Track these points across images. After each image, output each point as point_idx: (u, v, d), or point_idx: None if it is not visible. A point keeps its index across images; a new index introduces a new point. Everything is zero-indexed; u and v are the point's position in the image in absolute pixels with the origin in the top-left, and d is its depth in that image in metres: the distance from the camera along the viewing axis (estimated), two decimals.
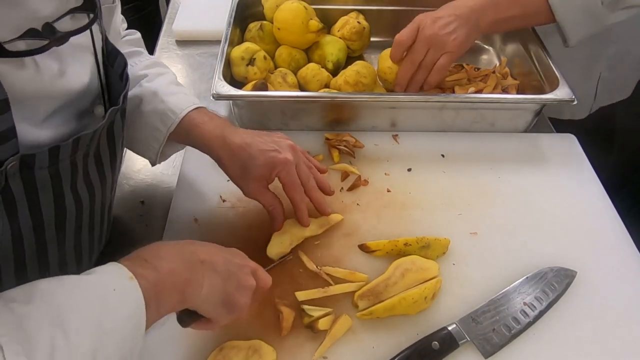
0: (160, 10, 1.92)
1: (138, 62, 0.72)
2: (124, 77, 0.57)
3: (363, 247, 0.70)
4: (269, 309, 0.63)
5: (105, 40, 0.57)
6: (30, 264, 0.52)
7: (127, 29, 0.77)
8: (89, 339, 0.38)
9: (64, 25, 0.47)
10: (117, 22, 0.68)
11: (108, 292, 0.42)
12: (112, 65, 0.57)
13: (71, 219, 0.54)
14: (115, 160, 0.60)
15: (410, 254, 0.68)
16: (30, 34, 0.44)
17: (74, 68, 0.51)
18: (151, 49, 1.11)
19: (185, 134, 0.68)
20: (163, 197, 0.80)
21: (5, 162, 0.44)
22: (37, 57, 0.46)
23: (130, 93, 0.66)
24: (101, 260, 0.71)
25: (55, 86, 0.49)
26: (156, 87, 0.69)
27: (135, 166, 0.85)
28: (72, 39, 0.47)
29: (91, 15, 0.50)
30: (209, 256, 0.51)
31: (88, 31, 0.51)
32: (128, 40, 0.75)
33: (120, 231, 0.75)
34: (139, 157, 0.85)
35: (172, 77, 0.73)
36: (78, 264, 0.60)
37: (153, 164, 0.72)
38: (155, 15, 1.73)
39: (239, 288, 0.52)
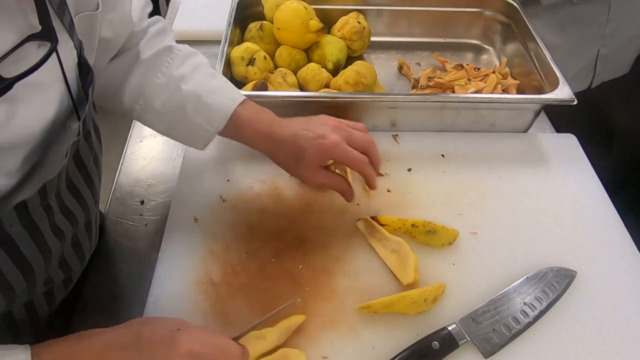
0: (160, 10, 1.92)
1: (170, 61, 0.70)
2: (89, 93, 0.54)
3: (374, 219, 0.72)
4: None
5: (80, 54, 0.53)
6: (19, 289, 0.50)
7: None
8: None
9: (22, 57, 0.42)
10: (124, 14, 0.65)
11: None
12: (85, 78, 0.54)
13: (56, 250, 0.53)
14: (90, 179, 0.57)
15: (415, 236, 0.71)
16: None
17: (30, 108, 0.46)
18: None
19: (233, 131, 0.69)
20: (163, 197, 0.80)
21: None
22: None
23: (172, 99, 0.68)
24: (97, 260, 0.71)
25: (9, 136, 0.45)
26: (197, 88, 0.68)
27: (135, 166, 0.85)
28: (33, 76, 0.43)
29: (51, 44, 0.44)
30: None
31: (55, 59, 0.47)
32: (156, 30, 0.72)
33: (120, 231, 0.75)
34: (139, 157, 0.86)
35: (207, 69, 0.72)
36: (66, 275, 0.59)
37: (201, 149, 0.73)
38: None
39: None
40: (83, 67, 0.54)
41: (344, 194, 0.70)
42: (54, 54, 0.45)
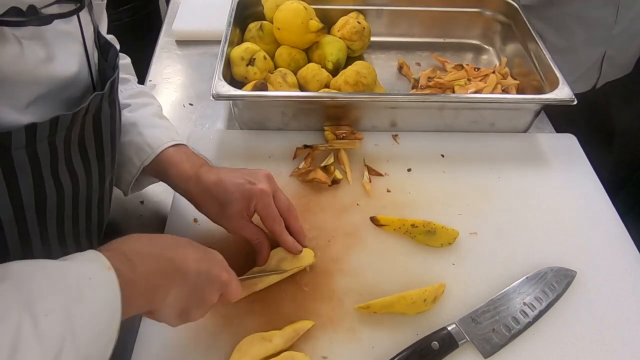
0: (160, 10, 1.92)
1: (123, 90, 0.70)
2: (116, 67, 0.57)
3: (374, 220, 0.73)
4: None
5: (98, 33, 0.56)
6: (13, 252, 0.51)
7: (120, 47, 0.74)
8: (58, 327, 0.37)
9: (50, 12, 0.46)
10: (104, 23, 0.67)
11: (84, 281, 0.40)
12: (105, 59, 0.56)
13: (52, 207, 0.53)
14: (102, 151, 0.58)
15: (415, 236, 0.71)
16: (12, 12, 0.42)
17: (61, 55, 0.50)
18: (151, 49, 1.11)
19: (161, 170, 0.66)
20: (163, 197, 0.80)
21: None
22: (22, 39, 0.45)
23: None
24: None
25: (40, 71, 0.48)
26: (136, 118, 0.67)
27: None
28: (60, 27, 0.47)
29: (77, 4, 0.49)
30: (184, 264, 0.50)
31: (76, 22, 0.51)
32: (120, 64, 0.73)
33: (120, 231, 0.75)
34: None
35: (157, 109, 0.72)
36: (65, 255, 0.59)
37: (125, 195, 0.71)
38: (155, 15, 1.73)
39: (199, 303, 0.52)
40: (104, 46, 0.56)
41: (258, 254, 0.65)
42: (77, 19, 0.51)
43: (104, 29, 0.66)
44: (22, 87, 0.48)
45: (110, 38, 0.74)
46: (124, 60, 0.75)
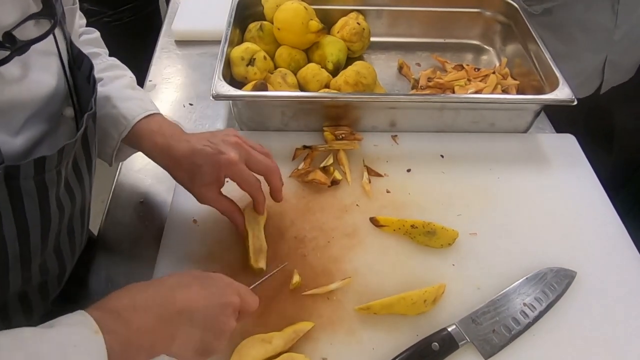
0: (160, 10, 1.92)
1: (94, 65, 0.70)
2: (91, 80, 0.57)
3: (373, 221, 0.73)
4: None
5: (70, 43, 0.57)
6: (14, 269, 0.51)
7: (120, 47, 0.77)
8: None
9: (24, 32, 0.47)
10: (76, 22, 0.68)
11: (69, 349, 0.39)
12: (79, 68, 0.57)
13: (54, 226, 0.54)
14: (91, 165, 0.59)
15: (414, 237, 0.71)
16: None
17: (38, 73, 0.51)
18: (151, 49, 1.11)
19: (136, 141, 0.67)
20: (163, 197, 0.80)
21: None
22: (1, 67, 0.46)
23: None
24: (96, 260, 0.71)
25: (23, 93, 0.49)
26: (109, 92, 0.67)
27: (135, 166, 0.85)
28: (35, 45, 0.48)
29: (52, 21, 0.50)
30: (187, 304, 0.48)
31: (51, 36, 0.51)
32: (86, 39, 0.73)
33: (120, 231, 0.75)
34: (138, 157, 0.86)
35: (129, 81, 0.71)
36: (60, 266, 0.59)
37: (110, 165, 0.71)
38: (155, 15, 1.73)
39: (217, 335, 0.50)
40: (76, 57, 0.57)
41: (233, 220, 0.67)
42: (51, 35, 0.51)
43: (75, 34, 0.67)
44: (12, 113, 0.48)
45: (94, 38, 0.75)
46: (92, 35, 0.75)
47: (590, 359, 0.61)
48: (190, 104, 0.97)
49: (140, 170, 0.84)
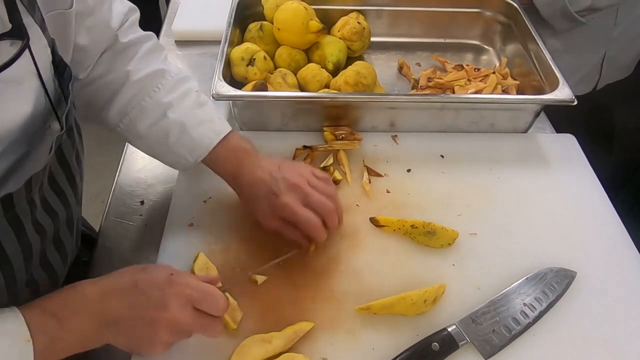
0: (160, 10, 1.93)
1: (161, 87, 0.69)
2: (69, 89, 0.54)
3: (373, 221, 0.73)
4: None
5: (53, 52, 0.53)
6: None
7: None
8: None
9: None
10: (102, 19, 0.64)
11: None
12: (61, 76, 0.54)
13: (36, 248, 0.53)
14: (73, 178, 0.57)
15: (414, 237, 0.71)
16: None
17: (4, 104, 0.47)
18: None
19: (211, 164, 0.70)
20: (163, 197, 0.80)
21: None
22: None
23: (156, 124, 0.68)
24: (96, 260, 0.71)
25: None
26: (182, 118, 0.68)
27: (135, 166, 0.85)
28: (6, 72, 0.44)
29: (22, 42, 0.45)
30: (115, 313, 0.50)
31: (28, 55, 0.47)
32: (147, 49, 0.70)
33: (120, 231, 0.75)
34: (138, 157, 0.86)
35: (195, 97, 0.71)
36: (51, 277, 0.58)
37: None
38: (156, 15, 1.73)
39: (145, 345, 0.51)
40: (58, 64, 0.54)
41: (315, 243, 0.68)
42: (27, 51, 0.47)
43: (70, 37, 0.61)
44: None
45: (154, 44, 0.72)
46: (151, 42, 0.71)
47: (590, 359, 0.61)
48: None
49: (140, 170, 0.84)
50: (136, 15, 0.72)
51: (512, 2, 1.03)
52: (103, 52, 0.67)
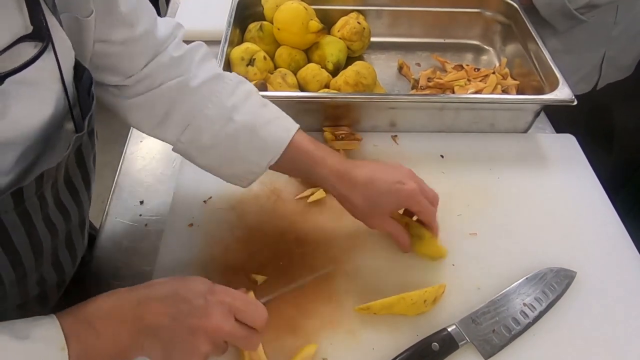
0: (160, 10, 1.92)
1: (222, 90, 0.65)
2: (90, 94, 0.54)
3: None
4: None
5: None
6: (10, 290, 0.51)
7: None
8: None
9: (8, 60, 0.42)
10: (144, 37, 0.61)
11: None
12: (80, 79, 0.54)
13: (47, 246, 0.52)
14: (88, 179, 0.57)
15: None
16: None
17: (24, 106, 0.46)
18: None
19: (288, 161, 0.66)
20: (163, 197, 0.80)
21: None
22: None
23: (222, 131, 0.64)
24: (96, 260, 0.71)
25: (7, 133, 0.45)
26: (250, 119, 0.64)
27: (135, 166, 0.85)
28: (24, 73, 0.43)
29: (43, 44, 0.44)
30: (154, 320, 0.48)
31: (52, 57, 0.47)
32: (200, 58, 0.67)
33: (120, 231, 0.75)
34: (138, 157, 0.86)
35: (257, 96, 0.68)
36: (59, 276, 0.58)
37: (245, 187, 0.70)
38: None
39: (183, 356, 0.49)
40: (77, 67, 0.53)
41: (401, 245, 0.68)
42: (51, 53, 0.46)
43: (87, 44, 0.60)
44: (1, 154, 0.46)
45: (205, 53, 0.68)
46: (201, 50, 0.68)
47: (590, 359, 0.61)
48: None
49: (140, 170, 0.84)
50: (183, 31, 0.69)
51: (512, 2, 1.03)
52: (150, 61, 0.63)
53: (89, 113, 0.53)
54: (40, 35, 0.44)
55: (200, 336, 0.49)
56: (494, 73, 0.96)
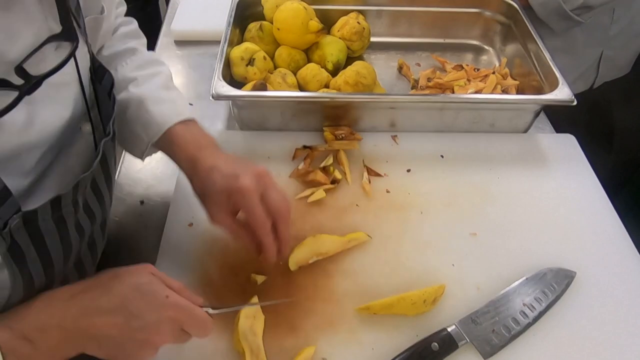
0: (160, 10, 1.92)
1: (129, 62, 0.67)
2: (111, 96, 0.55)
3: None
4: None
5: (92, 57, 0.54)
6: (38, 293, 0.50)
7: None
8: None
9: (41, 61, 0.42)
10: (113, 12, 0.64)
11: None
12: (99, 82, 0.54)
13: (75, 249, 0.54)
14: (110, 181, 0.58)
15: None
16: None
17: (49, 110, 0.47)
18: (151, 49, 1.10)
19: (166, 146, 0.64)
20: (163, 197, 0.80)
21: (9, 220, 0.43)
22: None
23: (117, 97, 0.63)
24: (103, 262, 0.71)
25: (31, 136, 0.46)
26: (143, 94, 0.64)
27: (136, 166, 0.85)
28: (52, 76, 0.44)
29: (73, 44, 0.45)
30: (98, 331, 0.46)
31: (72, 60, 0.47)
32: (124, 32, 0.70)
33: (120, 231, 0.75)
34: None
35: (164, 80, 0.68)
36: (81, 276, 0.59)
37: (142, 160, 0.69)
38: (155, 15, 1.73)
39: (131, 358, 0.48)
40: (97, 69, 0.54)
41: (242, 241, 0.61)
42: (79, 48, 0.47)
43: (108, 32, 0.63)
44: (21, 156, 0.47)
45: (133, 29, 0.70)
46: (130, 26, 0.71)
47: (590, 359, 0.61)
48: (190, 104, 0.96)
49: (140, 171, 0.84)
50: (123, 7, 0.71)
51: (512, 2, 1.03)
52: None
53: (113, 116, 0.53)
54: (69, 35, 0.45)
55: (149, 347, 0.48)
56: (493, 73, 0.96)
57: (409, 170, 0.82)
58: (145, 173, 0.84)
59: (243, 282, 0.66)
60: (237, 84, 0.86)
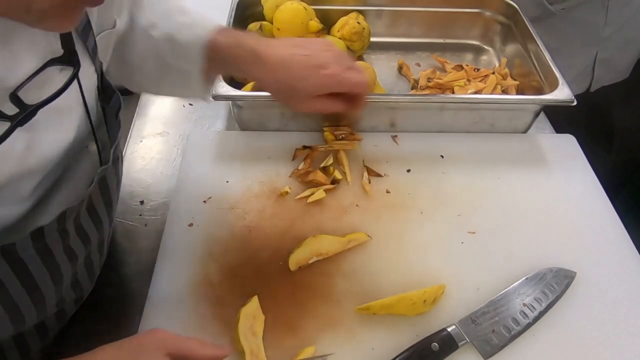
0: None
1: (138, 12, 0.64)
2: (118, 118, 0.53)
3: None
4: None
5: (101, 76, 0.52)
6: (29, 317, 0.48)
7: None
8: None
9: (40, 85, 0.40)
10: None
11: None
12: (107, 103, 0.53)
13: (67, 273, 0.50)
14: (110, 204, 0.55)
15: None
16: None
17: (49, 136, 0.45)
18: None
19: (218, 65, 0.63)
20: (163, 197, 0.80)
21: None
22: None
23: (144, 49, 0.62)
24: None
25: (29, 162, 0.43)
26: (167, 32, 0.62)
27: (135, 166, 0.85)
28: (54, 101, 0.41)
29: (73, 69, 0.43)
30: None
31: (76, 83, 0.45)
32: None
33: (120, 231, 0.75)
34: (139, 157, 0.86)
35: (176, 9, 0.65)
36: (77, 294, 0.57)
37: (207, 101, 0.70)
38: None
39: None
40: (106, 90, 0.52)
41: (348, 109, 0.65)
42: (75, 79, 0.45)
43: (109, 54, 0.60)
44: (17, 184, 0.44)
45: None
46: None
47: (589, 359, 0.61)
48: (190, 104, 0.97)
49: (140, 170, 0.84)
50: None
51: (512, 2, 1.03)
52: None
53: (115, 143, 0.51)
54: (71, 59, 0.43)
55: None
56: (493, 73, 0.96)
57: (409, 171, 0.82)
58: (145, 173, 0.84)
59: (243, 282, 0.66)
60: (237, 84, 0.86)
